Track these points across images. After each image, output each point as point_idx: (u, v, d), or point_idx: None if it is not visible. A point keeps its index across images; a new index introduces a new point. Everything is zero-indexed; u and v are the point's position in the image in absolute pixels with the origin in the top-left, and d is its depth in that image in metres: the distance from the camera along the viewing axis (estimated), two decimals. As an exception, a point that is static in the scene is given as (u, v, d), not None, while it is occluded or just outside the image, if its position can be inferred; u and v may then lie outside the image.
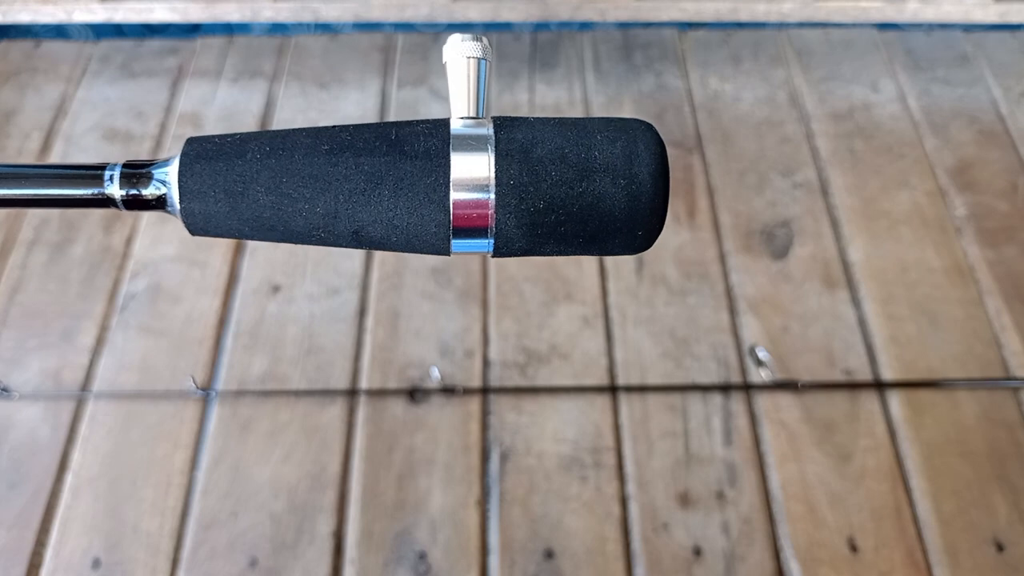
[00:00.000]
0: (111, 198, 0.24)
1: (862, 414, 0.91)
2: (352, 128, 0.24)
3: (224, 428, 0.90)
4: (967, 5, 1.19)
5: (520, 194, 0.22)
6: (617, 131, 0.23)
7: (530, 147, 0.23)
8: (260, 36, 1.33)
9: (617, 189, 0.22)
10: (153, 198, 0.24)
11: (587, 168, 0.22)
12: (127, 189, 0.24)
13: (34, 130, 1.20)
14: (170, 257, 1.05)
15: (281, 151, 0.23)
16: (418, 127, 0.24)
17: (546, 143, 0.23)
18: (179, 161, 0.23)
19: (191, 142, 0.24)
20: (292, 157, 0.23)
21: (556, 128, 0.23)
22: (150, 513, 0.85)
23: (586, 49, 1.31)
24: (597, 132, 0.23)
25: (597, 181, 0.22)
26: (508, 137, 0.23)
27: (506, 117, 0.24)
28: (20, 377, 0.94)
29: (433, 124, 0.24)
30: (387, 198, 0.23)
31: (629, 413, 0.91)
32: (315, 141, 0.23)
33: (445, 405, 0.92)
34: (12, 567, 0.82)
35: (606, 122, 0.23)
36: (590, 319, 0.99)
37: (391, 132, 0.23)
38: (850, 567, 0.82)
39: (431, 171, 0.23)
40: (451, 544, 0.83)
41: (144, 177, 0.24)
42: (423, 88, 1.25)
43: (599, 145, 0.23)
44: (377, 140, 0.23)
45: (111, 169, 0.24)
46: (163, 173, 0.23)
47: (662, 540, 0.83)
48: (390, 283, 1.02)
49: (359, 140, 0.23)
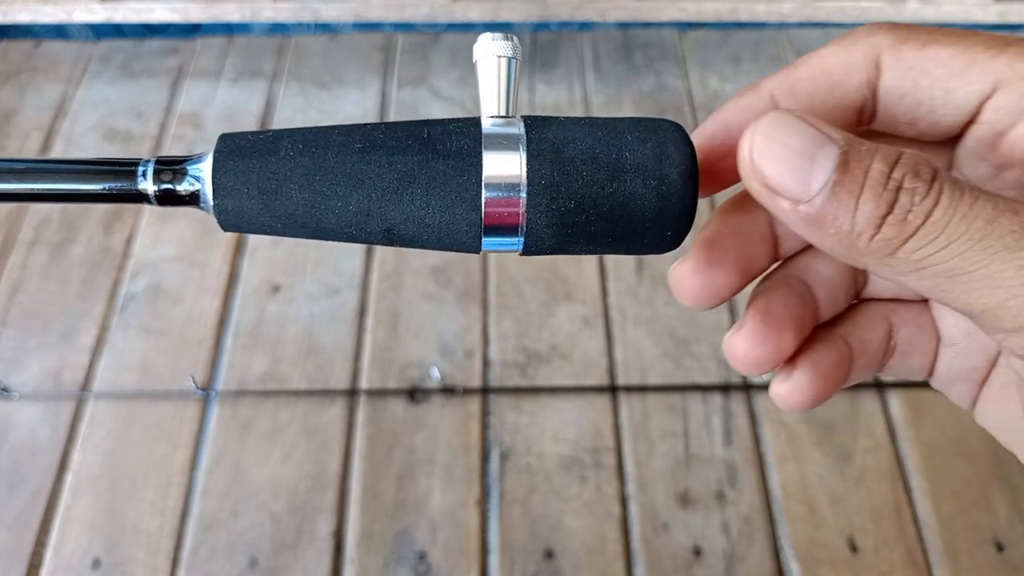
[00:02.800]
0: (144, 193, 0.23)
1: (862, 414, 0.91)
2: (384, 126, 0.24)
3: (224, 428, 0.90)
4: (967, 5, 1.19)
5: (551, 194, 0.22)
6: (647, 132, 0.23)
7: (561, 147, 0.23)
8: (260, 36, 1.33)
9: (648, 190, 0.22)
10: (187, 194, 0.23)
11: (618, 168, 0.22)
12: (160, 184, 0.23)
13: (34, 130, 1.20)
14: (170, 257, 1.05)
15: (314, 149, 0.23)
16: (449, 126, 0.24)
17: (577, 143, 0.23)
18: (212, 157, 0.23)
19: (224, 138, 0.24)
20: (325, 155, 0.23)
21: (587, 128, 0.23)
22: (150, 513, 0.85)
23: (586, 49, 1.31)
24: (627, 132, 0.23)
25: (628, 181, 0.22)
26: (539, 137, 0.23)
27: (536, 117, 0.24)
28: (20, 377, 0.94)
29: (464, 123, 0.24)
30: (419, 196, 0.23)
31: (629, 413, 0.91)
32: (348, 139, 0.23)
33: (445, 405, 0.92)
34: (12, 567, 0.82)
35: (636, 122, 0.23)
36: (590, 319, 0.99)
37: (423, 131, 0.23)
38: (850, 567, 0.82)
39: (463, 170, 0.23)
40: (451, 544, 0.83)
41: (179, 173, 0.23)
42: (423, 88, 1.25)
43: (629, 145, 0.23)
44: (409, 139, 0.23)
45: (144, 165, 0.23)
46: (197, 169, 0.23)
47: (662, 540, 0.83)
48: (390, 283, 1.02)
49: (391, 139, 0.23)
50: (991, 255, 0.18)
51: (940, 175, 0.19)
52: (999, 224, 0.18)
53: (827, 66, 0.23)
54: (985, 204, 0.18)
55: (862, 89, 0.23)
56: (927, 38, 0.22)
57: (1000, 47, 0.21)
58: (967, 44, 0.21)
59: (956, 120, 0.22)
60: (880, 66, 0.22)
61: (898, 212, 0.19)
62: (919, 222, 0.19)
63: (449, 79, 1.26)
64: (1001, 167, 0.23)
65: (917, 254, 0.19)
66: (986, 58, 0.21)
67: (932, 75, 0.22)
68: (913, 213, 0.19)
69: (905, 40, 0.22)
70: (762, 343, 0.24)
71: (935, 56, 0.22)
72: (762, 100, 0.24)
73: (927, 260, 0.19)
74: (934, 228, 0.18)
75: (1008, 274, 0.18)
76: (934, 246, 0.19)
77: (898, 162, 0.19)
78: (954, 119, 0.22)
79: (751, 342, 0.25)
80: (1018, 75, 0.21)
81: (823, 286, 0.26)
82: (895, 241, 0.19)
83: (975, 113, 0.22)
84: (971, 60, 0.21)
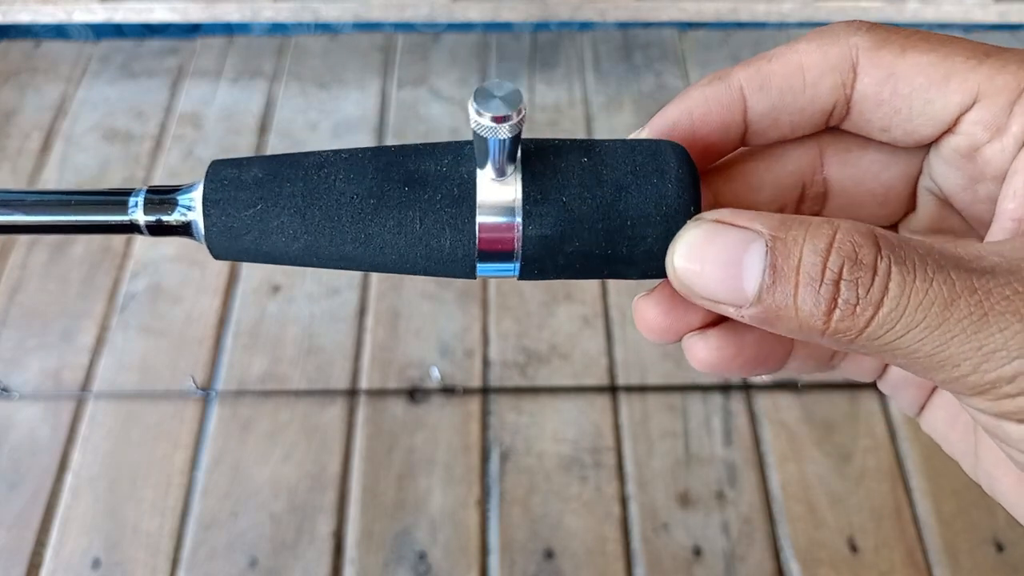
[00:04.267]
0: (135, 224, 0.23)
1: (862, 414, 0.91)
2: (375, 159, 0.23)
3: (224, 428, 0.90)
4: (967, 5, 1.19)
5: (547, 218, 0.22)
6: (648, 157, 0.22)
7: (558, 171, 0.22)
8: (260, 36, 1.33)
9: (647, 216, 0.22)
10: (179, 224, 0.23)
11: (616, 193, 0.22)
12: (151, 216, 0.23)
13: (34, 130, 1.20)
14: (170, 257, 1.05)
15: (306, 183, 0.22)
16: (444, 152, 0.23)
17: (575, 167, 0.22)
18: (203, 188, 0.23)
19: (215, 167, 0.23)
20: (318, 191, 0.22)
21: (586, 151, 0.23)
22: (150, 513, 0.85)
23: (586, 49, 1.31)
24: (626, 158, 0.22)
25: (625, 203, 0.22)
26: (536, 160, 0.22)
27: (533, 140, 0.23)
28: (20, 377, 0.94)
29: (458, 147, 0.23)
30: (415, 228, 0.22)
31: (629, 413, 0.91)
32: (341, 173, 0.23)
33: (445, 405, 0.92)
34: (12, 567, 0.82)
35: (635, 146, 0.23)
36: (590, 319, 0.99)
37: (416, 160, 0.23)
38: (850, 567, 0.82)
39: (458, 198, 0.22)
40: (451, 544, 0.83)
41: (169, 204, 0.23)
42: (423, 88, 1.25)
43: (628, 170, 0.22)
44: (403, 170, 0.23)
45: (136, 195, 0.23)
46: (188, 199, 0.23)
47: (662, 540, 0.83)
48: (390, 283, 1.02)
49: (384, 174, 0.22)
50: (949, 339, 0.17)
51: (884, 254, 0.18)
52: (956, 308, 0.17)
53: (802, 63, 0.22)
54: (941, 287, 0.17)
55: (835, 91, 0.22)
56: (906, 43, 0.21)
57: (980, 57, 0.21)
58: (947, 51, 0.21)
59: (933, 130, 0.22)
60: (857, 69, 0.22)
61: (843, 307, 0.18)
62: (869, 314, 0.18)
63: (449, 79, 1.26)
64: (975, 179, 0.22)
65: (876, 342, 0.18)
66: (966, 68, 0.21)
67: (911, 83, 0.21)
68: (860, 306, 0.18)
69: (884, 44, 0.21)
70: (668, 312, 0.24)
71: (915, 63, 0.21)
72: (730, 92, 0.23)
73: (887, 346, 0.18)
74: (888, 319, 0.18)
75: (967, 355, 0.18)
76: (891, 335, 0.18)
77: (832, 248, 0.18)
78: (931, 129, 0.22)
79: (658, 309, 0.24)
80: (997, 89, 0.20)
81: None
82: (849, 332, 0.18)
83: (953, 124, 0.21)
84: (951, 69, 0.21)
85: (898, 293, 0.18)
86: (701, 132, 0.23)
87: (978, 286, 0.17)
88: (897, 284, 0.18)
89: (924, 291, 0.17)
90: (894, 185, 0.25)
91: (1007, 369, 0.17)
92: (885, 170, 0.24)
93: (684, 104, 0.24)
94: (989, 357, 0.17)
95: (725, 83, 0.23)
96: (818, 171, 0.25)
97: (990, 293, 0.17)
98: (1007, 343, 0.17)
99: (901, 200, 0.25)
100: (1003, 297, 0.17)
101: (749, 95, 0.23)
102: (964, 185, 0.23)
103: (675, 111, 0.24)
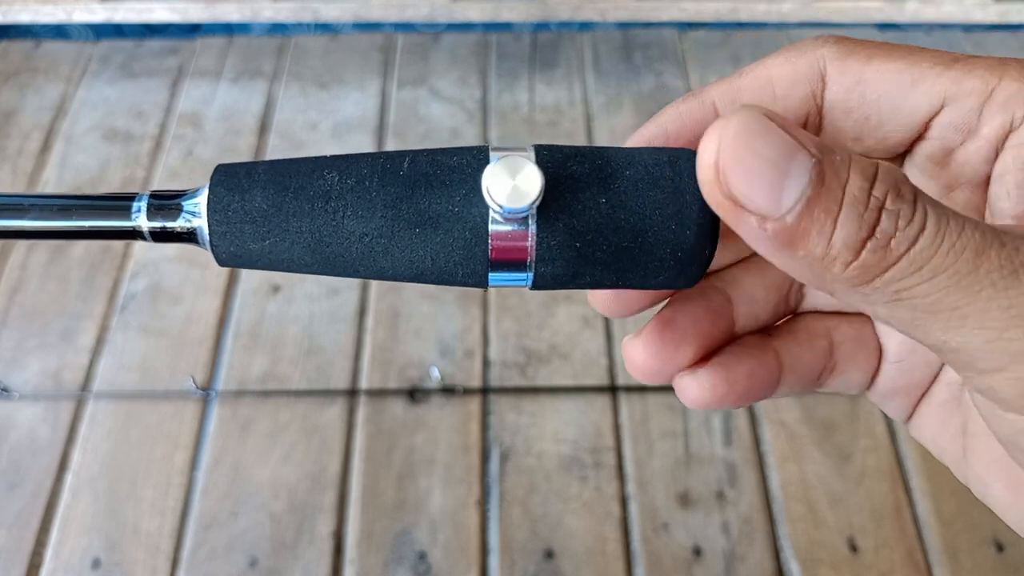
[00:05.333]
0: (139, 231, 0.23)
1: (862, 414, 0.91)
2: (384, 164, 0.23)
3: (224, 428, 0.90)
4: (967, 5, 1.19)
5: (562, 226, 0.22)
6: (663, 161, 0.22)
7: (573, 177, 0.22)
8: (260, 36, 1.33)
9: (664, 223, 0.22)
10: (183, 231, 0.23)
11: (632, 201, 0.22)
12: (155, 222, 0.22)
13: (34, 130, 1.20)
14: (170, 257, 1.05)
15: (314, 191, 0.22)
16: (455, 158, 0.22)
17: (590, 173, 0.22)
18: (208, 194, 0.22)
19: (219, 172, 0.23)
20: (327, 200, 0.22)
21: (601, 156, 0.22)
22: (150, 513, 0.85)
23: (586, 49, 1.31)
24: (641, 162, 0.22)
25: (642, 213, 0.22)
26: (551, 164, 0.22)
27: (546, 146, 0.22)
28: (20, 377, 0.94)
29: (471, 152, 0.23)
30: (425, 238, 0.22)
31: (629, 413, 0.91)
32: (349, 180, 0.22)
33: (445, 405, 0.92)
34: (12, 567, 0.82)
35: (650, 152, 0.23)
36: (590, 319, 0.99)
37: (427, 166, 0.22)
38: (850, 567, 0.82)
39: (470, 203, 0.22)
40: (451, 544, 0.83)
41: (173, 209, 0.22)
42: (423, 88, 1.25)
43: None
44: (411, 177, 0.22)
45: (139, 200, 0.23)
46: (192, 204, 0.22)
47: (662, 540, 0.83)
48: (390, 284, 1.02)
49: (392, 182, 0.22)
50: (976, 292, 0.16)
51: (921, 196, 0.17)
52: (987, 258, 0.16)
53: (771, 76, 0.22)
54: (972, 234, 0.17)
55: (807, 102, 0.22)
56: (872, 52, 0.21)
57: (947, 63, 0.20)
58: (914, 59, 0.21)
59: (903, 136, 0.22)
60: (825, 79, 0.22)
61: (880, 237, 0.17)
62: (903, 250, 0.17)
63: (449, 79, 1.26)
64: (950, 186, 0.22)
65: (896, 285, 0.17)
66: (933, 74, 0.20)
67: (878, 89, 0.21)
68: (896, 239, 0.17)
69: (850, 54, 0.21)
70: (656, 355, 0.24)
71: (881, 70, 0.21)
72: (703, 108, 0.23)
73: (906, 292, 0.17)
74: (918, 258, 0.17)
75: (992, 315, 0.17)
76: (916, 278, 0.17)
77: (877, 176, 0.17)
78: (902, 135, 0.22)
79: (647, 352, 0.24)
80: (965, 92, 0.20)
81: (745, 302, 0.25)
82: (874, 269, 0.17)
83: (923, 129, 0.21)
84: (918, 75, 0.21)
85: (934, 231, 0.17)
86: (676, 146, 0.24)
87: (1006, 241, 0.17)
88: (933, 223, 0.17)
89: (957, 234, 0.17)
90: None
91: None
92: None
93: (660, 120, 0.24)
94: (1018, 320, 0.16)
95: (698, 99, 0.23)
96: None
97: (1019, 250, 0.17)
98: None
99: None
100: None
101: (721, 109, 0.23)
102: (939, 193, 0.23)
103: (651, 128, 0.24)
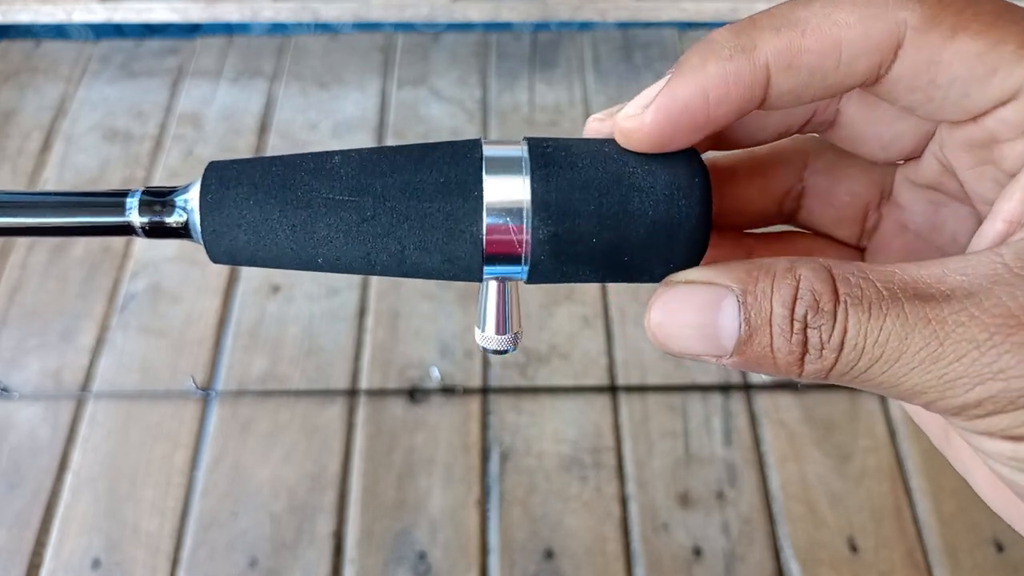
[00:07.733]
0: (131, 226, 0.23)
1: (862, 414, 0.91)
2: (377, 159, 0.22)
3: (224, 428, 0.90)
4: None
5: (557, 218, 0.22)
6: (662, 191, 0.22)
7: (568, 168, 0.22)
8: (260, 36, 1.33)
9: (658, 214, 0.22)
10: (176, 226, 0.23)
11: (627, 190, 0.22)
12: (148, 217, 0.23)
13: (34, 130, 1.20)
14: (170, 257, 1.05)
15: (307, 187, 0.22)
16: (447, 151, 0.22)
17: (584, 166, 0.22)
18: (200, 189, 0.22)
19: (212, 168, 0.23)
20: (319, 195, 0.22)
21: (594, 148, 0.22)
22: (150, 513, 0.85)
23: (586, 49, 1.31)
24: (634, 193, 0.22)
25: (637, 202, 0.22)
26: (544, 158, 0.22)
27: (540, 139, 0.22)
28: (20, 377, 0.94)
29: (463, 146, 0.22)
30: (417, 231, 0.22)
31: (629, 413, 0.91)
32: (342, 175, 0.22)
33: (445, 405, 0.92)
34: (12, 567, 0.82)
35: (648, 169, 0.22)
36: (590, 319, 0.99)
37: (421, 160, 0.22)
38: (850, 567, 0.82)
39: (464, 196, 0.22)
40: (451, 544, 0.83)
41: (166, 205, 0.23)
42: (423, 88, 1.25)
43: (638, 169, 0.22)
44: (406, 172, 0.22)
45: (132, 196, 0.23)
46: (184, 200, 0.23)
47: (662, 540, 0.83)
48: (390, 283, 1.02)
49: (387, 175, 0.22)
50: (909, 371, 0.18)
51: (842, 296, 0.19)
52: (912, 341, 0.18)
53: (840, 40, 0.20)
54: (894, 321, 0.18)
55: (870, 73, 0.20)
56: (957, 24, 0.19)
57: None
58: (999, 37, 0.19)
59: (956, 119, 0.21)
60: (899, 51, 0.19)
61: (812, 351, 0.19)
62: (835, 356, 0.19)
63: (449, 79, 1.26)
64: (982, 163, 0.22)
65: (847, 377, 0.19)
66: (1013, 61, 0.19)
67: (952, 74, 0.19)
68: (827, 349, 0.19)
69: (934, 24, 0.19)
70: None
71: (961, 52, 0.19)
72: (754, 72, 0.20)
73: (858, 379, 0.19)
74: (850, 357, 0.19)
75: (930, 384, 0.18)
76: (857, 370, 0.19)
77: (796, 298, 0.19)
78: (955, 118, 0.21)
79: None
80: None
81: None
82: (821, 372, 0.19)
83: (980, 116, 0.20)
84: (998, 62, 0.19)
85: (855, 334, 0.19)
86: (714, 116, 0.21)
87: (932, 316, 0.18)
88: (854, 325, 0.19)
89: (879, 328, 0.18)
90: (903, 134, 0.24)
91: (971, 395, 0.18)
92: (899, 120, 0.24)
93: (700, 82, 0.20)
94: (951, 385, 0.18)
95: (749, 60, 0.20)
96: (832, 103, 0.24)
97: (944, 322, 0.18)
98: (966, 371, 0.18)
99: (906, 151, 0.24)
100: (958, 324, 0.18)
101: (775, 73, 0.20)
102: (970, 164, 0.22)
103: (690, 87, 0.20)
